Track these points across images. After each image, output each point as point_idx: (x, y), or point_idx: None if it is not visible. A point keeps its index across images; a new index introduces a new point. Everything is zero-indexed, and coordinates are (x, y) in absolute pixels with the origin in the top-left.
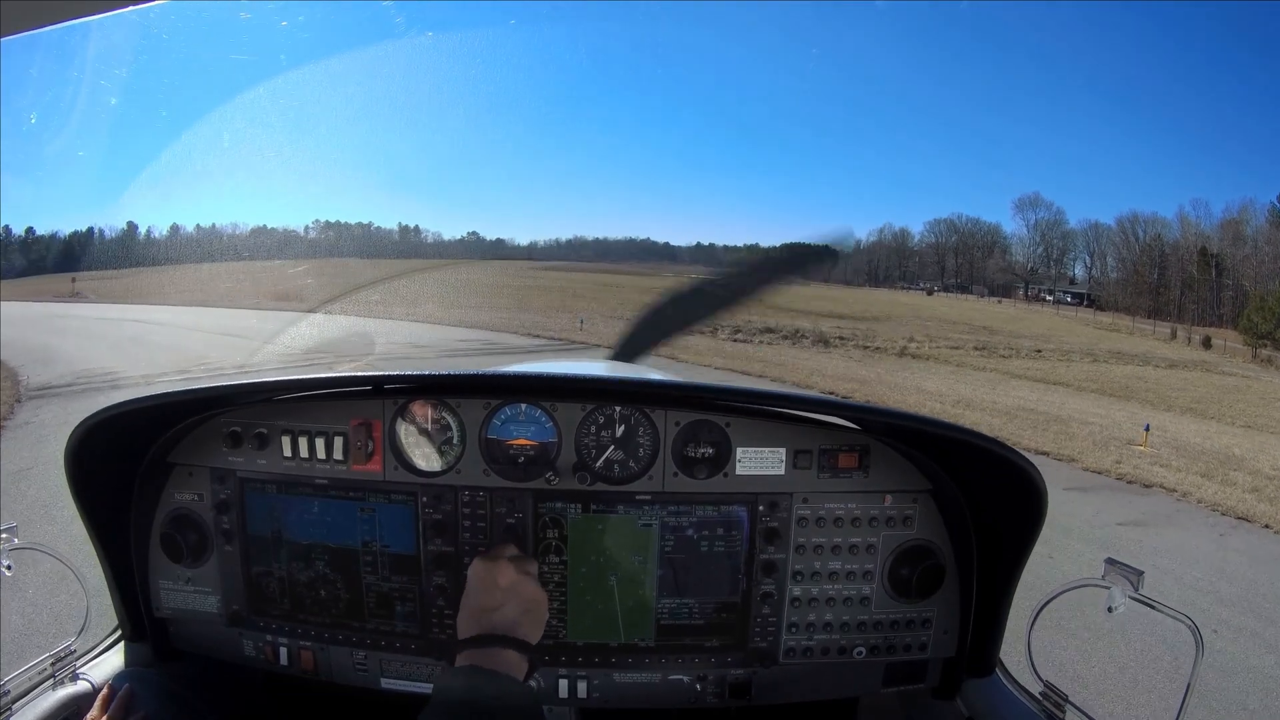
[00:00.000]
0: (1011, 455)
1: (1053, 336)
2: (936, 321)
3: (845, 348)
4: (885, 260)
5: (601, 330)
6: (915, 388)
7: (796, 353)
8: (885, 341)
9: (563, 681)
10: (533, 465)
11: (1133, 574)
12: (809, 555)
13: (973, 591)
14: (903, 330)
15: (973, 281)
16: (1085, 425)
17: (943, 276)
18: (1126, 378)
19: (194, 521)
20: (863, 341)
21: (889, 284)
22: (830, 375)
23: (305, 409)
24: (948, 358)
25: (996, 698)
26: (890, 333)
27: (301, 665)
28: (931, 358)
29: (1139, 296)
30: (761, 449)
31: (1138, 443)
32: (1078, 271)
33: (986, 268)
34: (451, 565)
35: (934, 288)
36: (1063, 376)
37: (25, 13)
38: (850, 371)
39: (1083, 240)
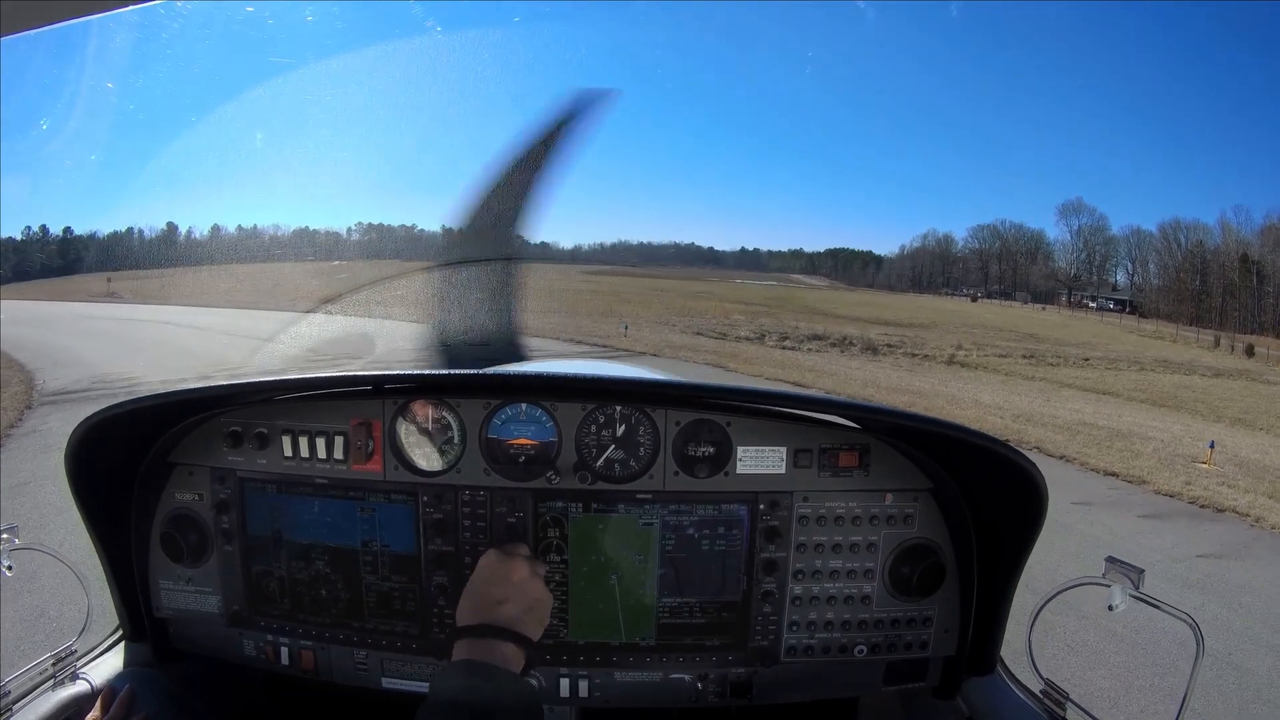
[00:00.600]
0: (1012, 454)
1: (1098, 344)
2: (982, 329)
3: (894, 355)
4: (929, 266)
5: (647, 336)
6: (973, 400)
7: (846, 361)
8: (933, 349)
9: (564, 681)
10: (533, 465)
11: (1133, 572)
12: (810, 554)
13: (973, 590)
14: (950, 338)
15: (1015, 288)
16: (1147, 441)
17: (986, 282)
18: (1174, 387)
19: (194, 521)
20: (911, 349)
21: (932, 290)
22: (885, 387)
23: (305, 409)
24: (996, 366)
25: (997, 696)
26: (938, 340)
27: (302, 665)
28: (980, 366)
29: (1181, 303)
30: (762, 448)
31: (1202, 460)
32: (1119, 278)
33: (1030, 274)
34: (452, 565)
35: (978, 294)
36: (1111, 386)
37: (25, 12)
38: (905, 382)
39: (1124, 246)
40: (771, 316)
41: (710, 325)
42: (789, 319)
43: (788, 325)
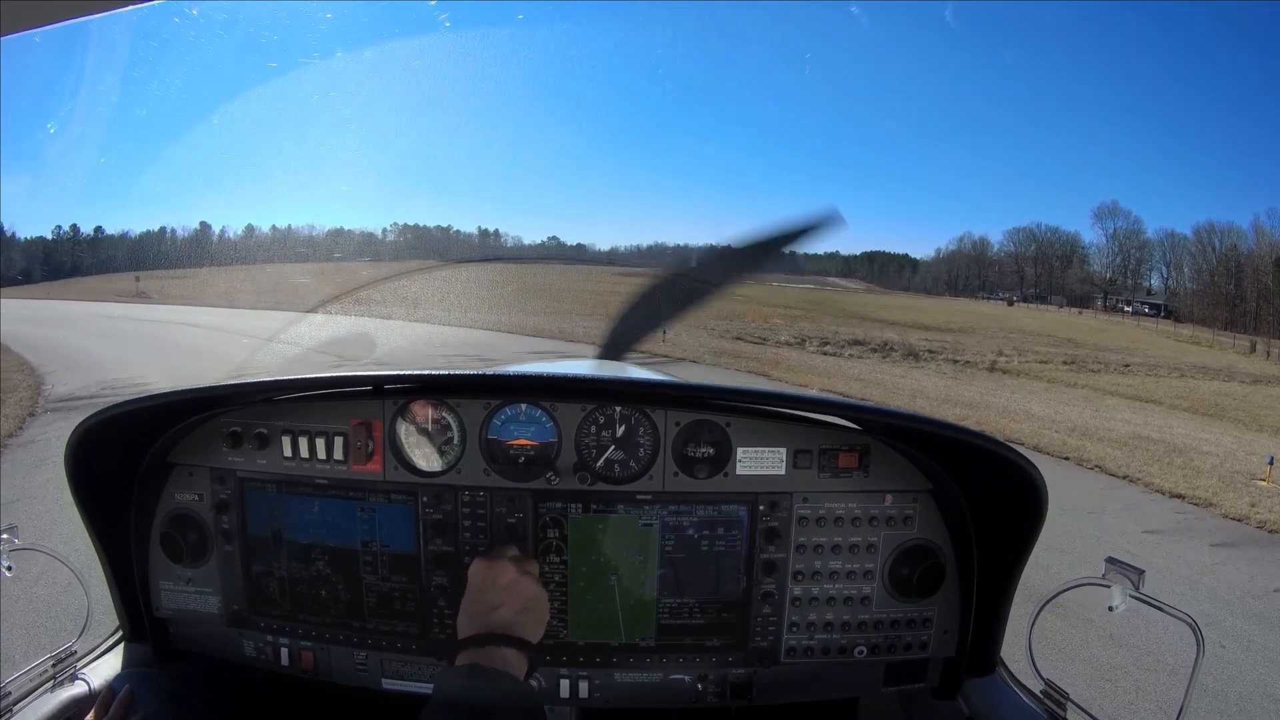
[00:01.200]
0: (1011, 455)
1: (1136, 350)
2: (1021, 334)
3: (935, 362)
4: (965, 269)
5: (686, 342)
6: (1024, 412)
7: (890, 368)
8: (974, 355)
9: (564, 681)
10: (533, 465)
11: (1133, 573)
12: (809, 555)
13: (973, 591)
14: (990, 343)
15: (1051, 291)
16: (1204, 456)
17: (1021, 286)
18: (1215, 394)
19: (194, 521)
20: (952, 355)
21: (968, 293)
22: (934, 397)
23: (305, 409)
24: (1038, 373)
25: (997, 697)
26: (978, 346)
27: (302, 665)
28: (1022, 373)
29: (1216, 308)
30: (762, 449)
31: (1260, 477)
32: (1154, 282)
33: (1066, 278)
34: (452, 565)
35: (1014, 298)
36: (1153, 393)
37: (26, 12)
38: (952, 392)
39: (1159, 250)
40: (810, 320)
41: (749, 329)
42: (828, 323)
43: (827, 330)
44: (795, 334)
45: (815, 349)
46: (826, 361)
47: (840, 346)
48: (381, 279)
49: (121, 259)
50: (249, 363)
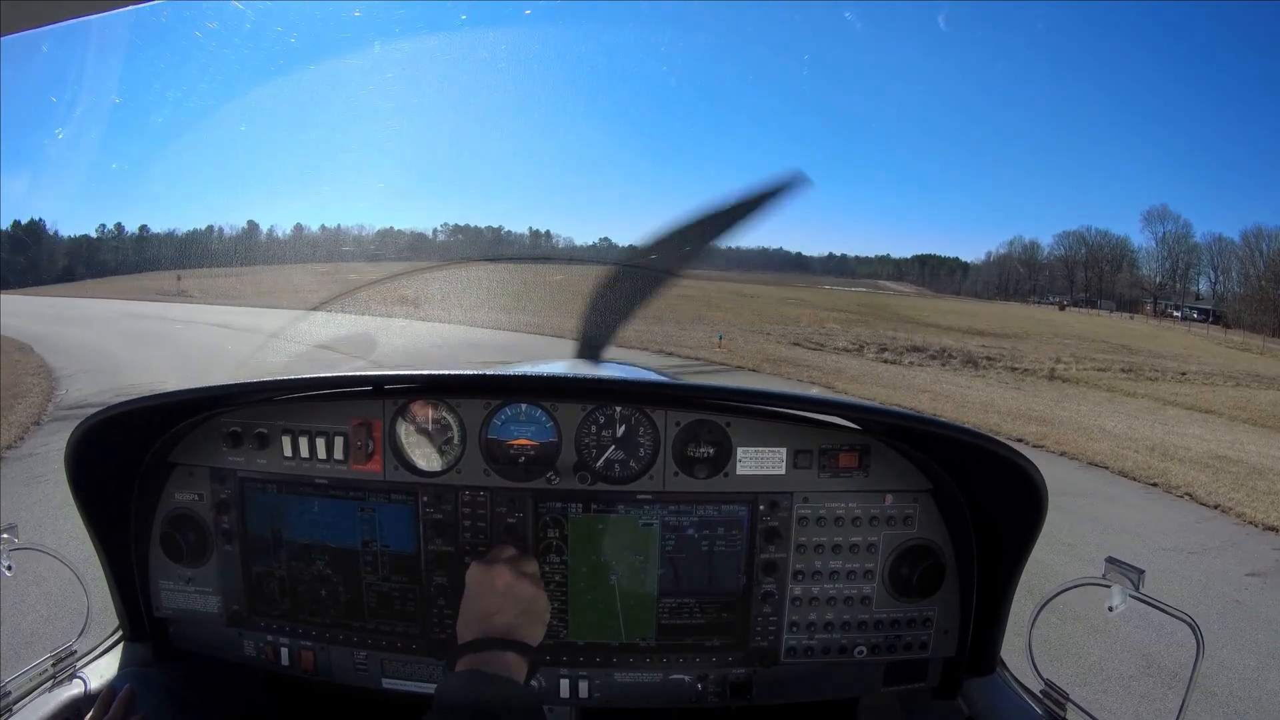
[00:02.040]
0: (1011, 455)
1: (1190, 357)
2: (1075, 339)
3: (994, 369)
4: (1016, 273)
5: (742, 348)
6: (1099, 429)
7: (953, 377)
8: (1032, 362)
9: (564, 681)
10: (533, 465)
11: (1133, 573)
12: (810, 554)
13: (973, 591)
14: (1046, 349)
15: (1100, 296)
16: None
17: (1071, 290)
18: (1272, 405)
19: (194, 521)
20: (1010, 362)
21: (1019, 297)
22: (1005, 412)
23: (305, 409)
24: (1097, 381)
25: (997, 697)
26: (1035, 352)
27: (302, 665)
28: (1081, 381)
29: (1264, 314)
30: (762, 449)
31: None
32: (1202, 286)
33: (1115, 282)
34: (452, 565)
35: (1065, 302)
36: (1211, 403)
37: (26, 12)
38: (1022, 405)
39: (1207, 255)
40: (866, 325)
41: (806, 334)
42: (884, 328)
43: (884, 335)
44: (853, 339)
45: (874, 356)
46: (889, 371)
47: (899, 353)
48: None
49: (166, 257)
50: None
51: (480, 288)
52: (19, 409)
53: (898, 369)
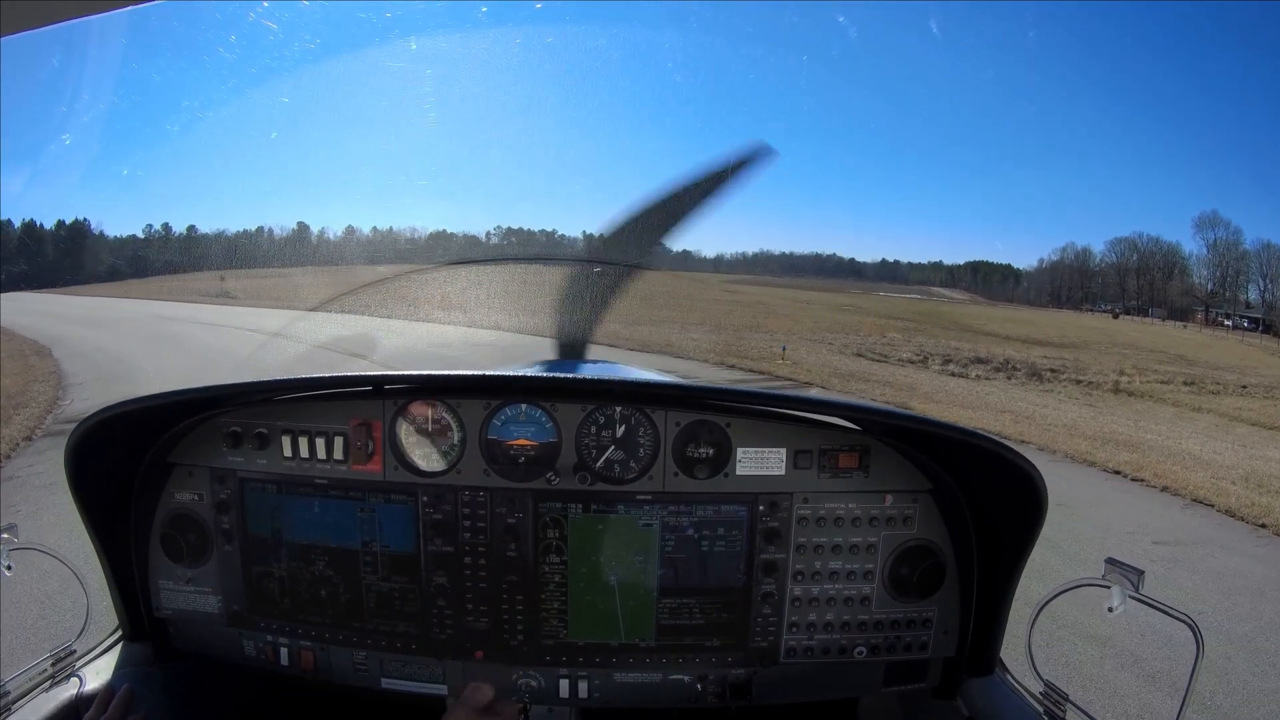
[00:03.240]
0: (1011, 455)
1: (1247, 368)
2: (1132, 349)
3: (1059, 382)
4: (1068, 280)
5: (806, 358)
6: (1187, 454)
7: (1024, 394)
8: (1096, 375)
9: (563, 681)
10: (533, 465)
11: (1133, 573)
12: (809, 555)
13: (973, 591)
14: (1107, 360)
15: (1152, 303)
16: None
17: (1123, 298)
18: None
19: (194, 521)
20: (1074, 374)
21: (1071, 304)
22: (1091, 436)
23: (305, 409)
24: (1161, 395)
25: (997, 697)
26: (1097, 363)
27: (302, 665)
28: (1146, 395)
29: None
30: (762, 449)
31: None
32: (1252, 294)
33: (1167, 290)
34: (452, 565)
35: (1118, 310)
36: (1276, 419)
37: (26, 12)
38: (1108, 429)
39: (1256, 262)
40: (925, 334)
41: (868, 344)
42: (944, 338)
43: (946, 346)
44: (916, 350)
45: (939, 368)
46: (960, 387)
47: (964, 365)
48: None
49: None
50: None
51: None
52: (16, 421)
53: (965, 383)
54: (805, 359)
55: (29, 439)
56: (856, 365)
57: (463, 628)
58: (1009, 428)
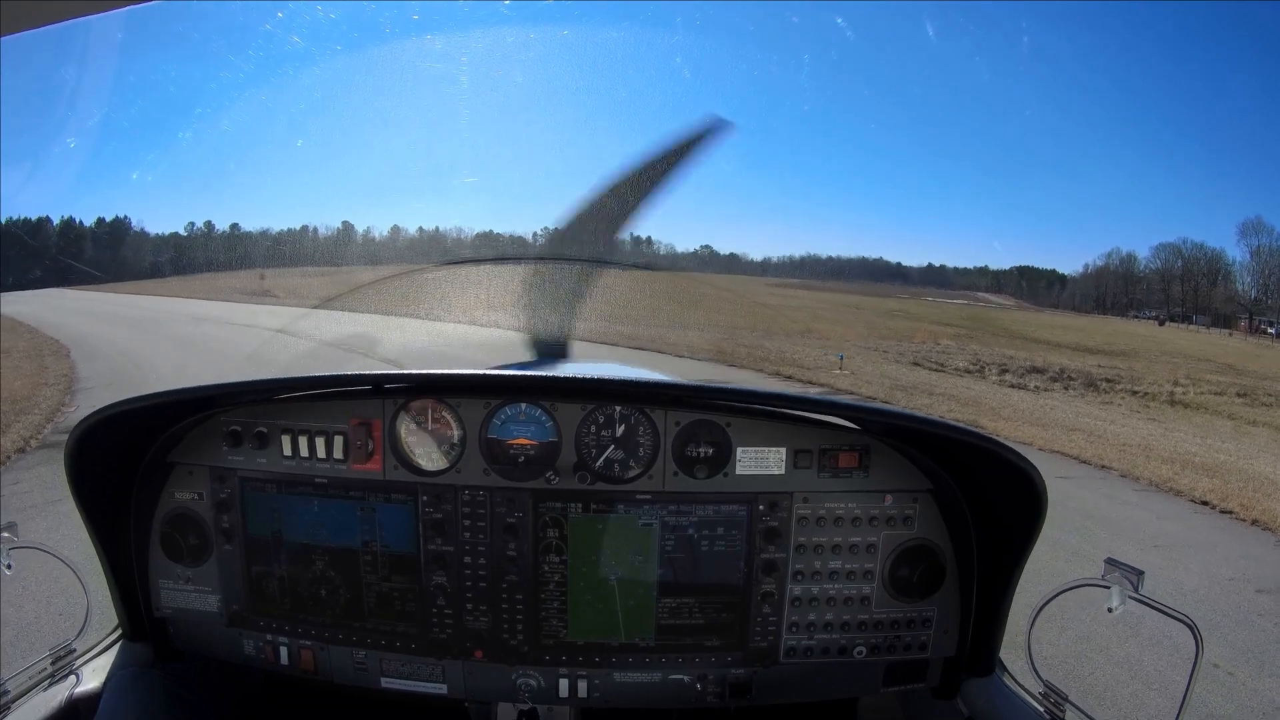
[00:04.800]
0: (1011, 455)
1: None
2: (1181, 358)
3: (1116, 393)
4: (1113, 286)
5: (861, 368)
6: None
7: (1084, 407)
8: (1150, 385)
9: (563, 681)
10: (533, 465)
11: (1133, 574)
12: (809, 555)
13: (973, 591)
14: (1159, 370)
15: (1196, 310)
16: None
17: (1167, 304)
18: None
19: (194, 521)
20: (1129, 385)
21: (1116, 311)
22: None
23: (305, 408)
24: (1216, 407)
25: (997, 697)
26: (1149, 373)
27: (301, 665)
28: (1201, 407)
29: None
30: (762, 449)
31: None
32: None
33: (1211, 296)
34: (451, 565)
35: (1163, 317)
36: None
37: (27, 12)
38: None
39: None
40: (978, 341)
41: (923, 352)
42: (997, 345)
43: (1000, 354)
44: (971, 359)
45: (996, 378)
46: (1025, 400)
47: (1021, 375)
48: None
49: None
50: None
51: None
52: (14, 430)
53: (1026, 396)
54: (862, 369)
55: (23, 450)
56: (915, 376)
57: (463, 627)
58: (1085, 450)
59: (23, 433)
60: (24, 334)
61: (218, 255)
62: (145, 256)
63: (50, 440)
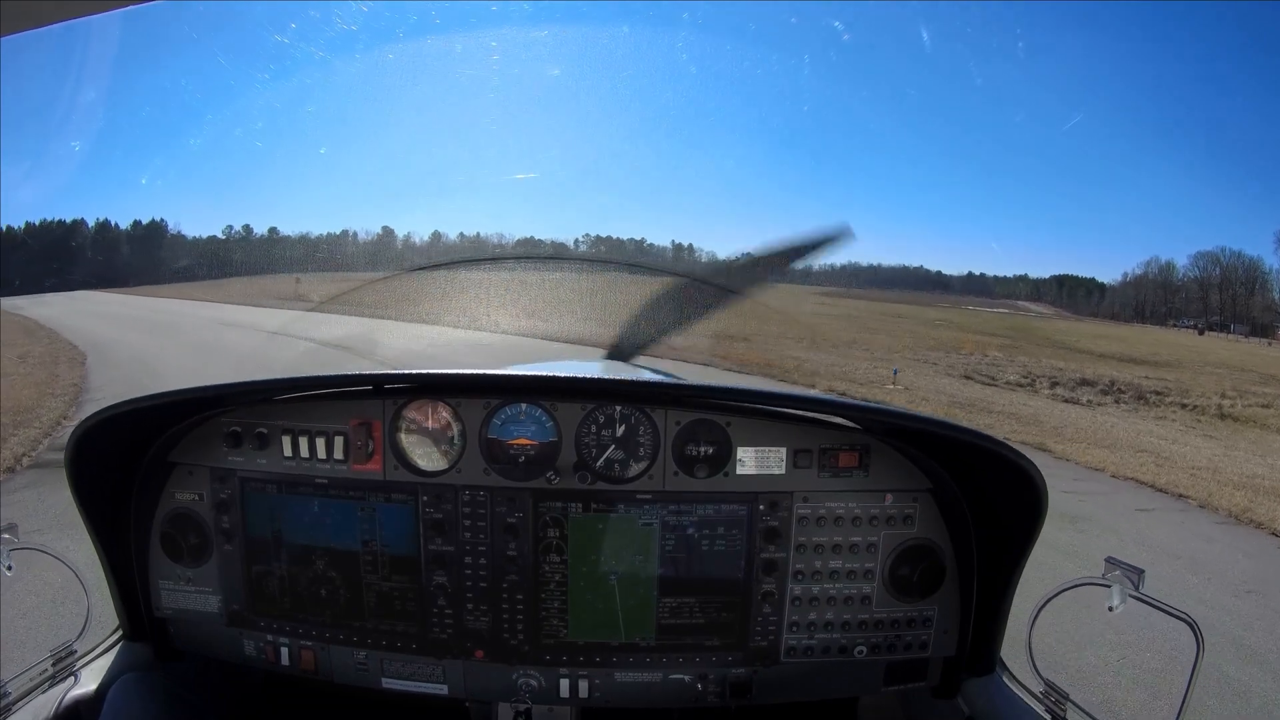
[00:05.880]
0: (1011, 454)
1: None
2: (1225, 369)
3: (1166, 406)
4: (1152, 295)
5: (915, 381)
6: None
7: (1140, 423)
8: (1198, 398)
9: (564, 681)
10: (533, 465)
11: (1133, 572)
12: (810, 554)
13: (973, 590)
14: (1205, 381)
15: (1234, 319)
16: None
17: (1205, 313)
18: None
19: (194, 521)
20: (1178, 398)
21: (1155, 320)
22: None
23: (305, 409)
24: (1265, 420)
25: (997, 696)
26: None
27: (302, 665)
28: (1250, 420)
29: None
30: (762, 448)
31: None
32: None
33: (1250, 305)
34: (452, 565)
35: (1202, 325)
36: None
37: (28, 12)
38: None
39: None
40: (1024, 352)
41: (973, 365)
42: (1043, 355)
43: (1049, 366)
44: (1021, 372)
45: (1049, 392)
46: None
47: (1072, 389)
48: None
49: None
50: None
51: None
52: (10, 444)
53: (1082, 412)
54: (915, 383)
55: (12, 470)
56: (970, 391)
57: (463, 627)
58: (1157, 475)
59: (16, 449)
60: (44, 338)
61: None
62: (181, 259)
63: (43, 459)
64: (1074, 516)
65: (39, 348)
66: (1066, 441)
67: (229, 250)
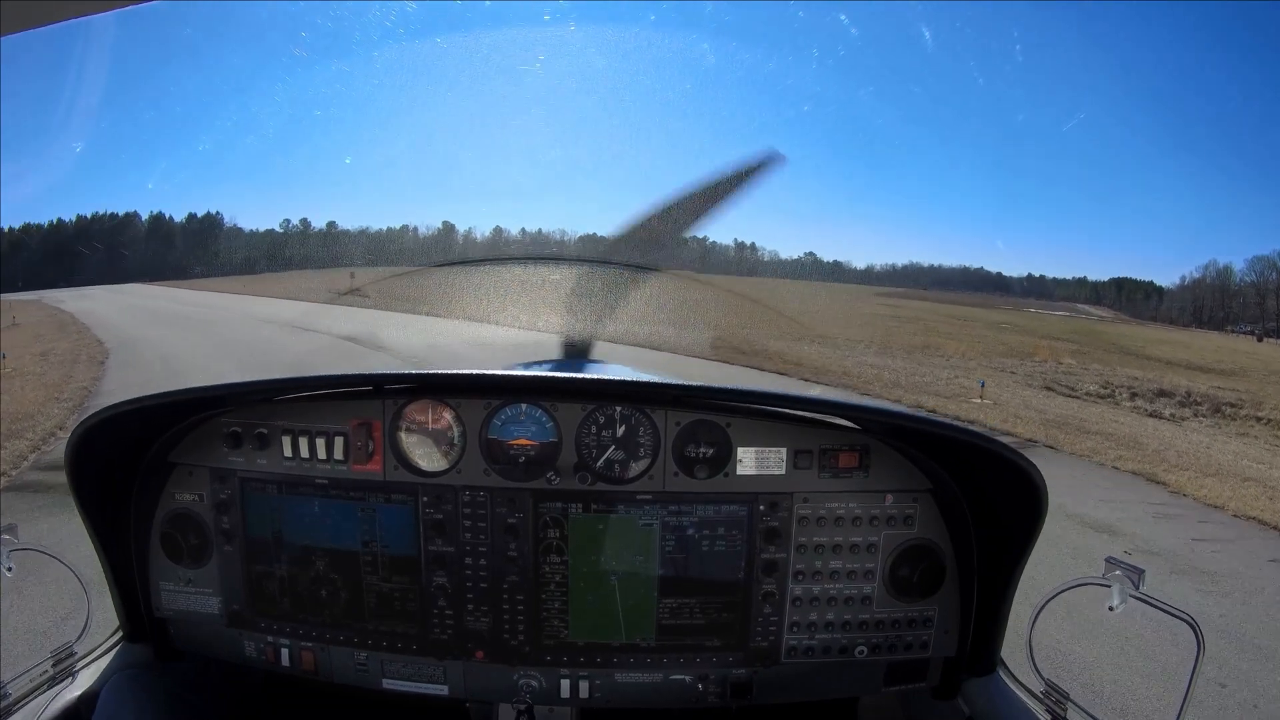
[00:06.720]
0: (1011, 455)
1: None
2: None
3: (1243, 420)
4: (1209, 299)
5: (1000, 395)
6: None
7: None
8: (1272, 410)
9: (564, 681)
10: (533, 465)
11: (1134, 572)
12: (810, 555)
13: (974, 590)
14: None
15: None
16: None
17: (1262, 318)
18: None
19: (194, 521)
20: (1253, 410)
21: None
22: None
23: (306, 409)
24: None
25: (998, 696)
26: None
27: (302, 666)
28: None
29: None
30: (762, 449)
31: None
32: None
33: None
34: (452, 565)
35: (1260, 331)
36: None
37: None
38: None
39: None
40: (1095, 359)
41: (1050, 374)
42: (1113, 362)
43: (1124, 375)
44: (1099, 381)
45: (1130, 404)
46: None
47: (1151, 400)
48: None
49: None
50: None
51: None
52: (7, 452)
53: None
54: (1001, 396)
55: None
56: (1056, 405)
57: (463, 628)
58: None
59: (15, 455)
60: (74, 334)
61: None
62: (236, 253)
63: (23, 481)
64: (1214, 574)
65: (65, 344)
66: (1175, 469)
67: (288, 244)
